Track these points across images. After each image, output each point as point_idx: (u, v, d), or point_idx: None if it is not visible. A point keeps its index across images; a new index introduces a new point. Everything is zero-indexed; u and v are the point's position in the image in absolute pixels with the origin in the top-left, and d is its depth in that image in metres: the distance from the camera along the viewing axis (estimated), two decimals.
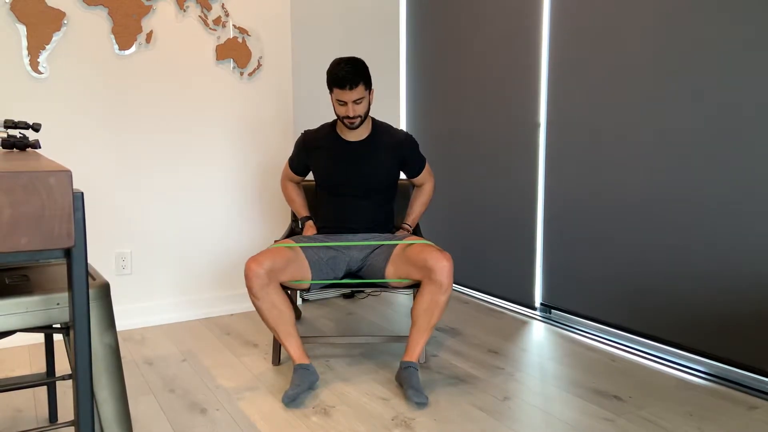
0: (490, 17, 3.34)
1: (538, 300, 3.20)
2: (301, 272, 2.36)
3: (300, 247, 2.41)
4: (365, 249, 2.51)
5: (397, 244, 2.43)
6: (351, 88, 2.34)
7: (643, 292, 2.66)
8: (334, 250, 2.49)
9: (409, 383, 2.19)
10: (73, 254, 0.96)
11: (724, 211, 2.35)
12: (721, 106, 2.34)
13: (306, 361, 2.30)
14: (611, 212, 2.77)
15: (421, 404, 2.15)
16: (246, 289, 3.35)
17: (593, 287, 2.88)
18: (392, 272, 2.39)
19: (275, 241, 2.50)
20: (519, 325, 3.06)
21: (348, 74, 2.32)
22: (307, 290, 2.43)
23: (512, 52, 3.22)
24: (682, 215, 2.49)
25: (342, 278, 2.52)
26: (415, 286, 2.41)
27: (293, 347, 2.31)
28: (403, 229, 2.68)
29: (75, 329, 1.01)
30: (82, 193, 0.93)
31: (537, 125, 3.11)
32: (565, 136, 2.96)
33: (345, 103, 2.38)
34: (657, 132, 2.56)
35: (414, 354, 2.28)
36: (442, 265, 2.19)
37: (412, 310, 2.30)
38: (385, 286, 2.46)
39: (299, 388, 2.18)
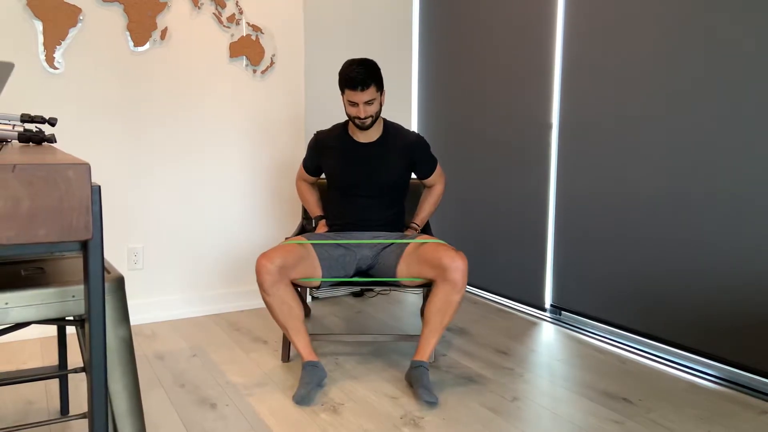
0: (504, 18, 3.34)
1: (548, 301, 3.19)
2: (312, 270, 2.37)
3: (311, 244, 2.42)
4: (376, 247, 2.52)
5: (408, 243, 2.43)
6: (362, 89, 2.34)
7: (653, 295, 2.65)
8: (345, 248, 2.49)
9: (419, 382, 2.19)
10: (90, 247, 0.97)
11: (737, 214, 2.34)
12: (733, 107, 2.32)
13: (314, 359, 2.31)
14: (622, 214, 2.75)
15: (432, 403, 2.15)
16: (256, 286, 3.36)
17: (603, 289, 2.87)
18: (404, 271, 2.38)
19: (286, 238, 2.51)
20: (528, 326, 3.05)
21: (359, 75, 2.32)
22: (318, 288, 2.43)
23: (525, 52, 3.21)
24: (693, 218, 2.48)
25: (352, 276, 2.52)
26: (426, 285, 2.41)
27: (302, 344, 2.32)
28: (411, 228, 2.68)
29: (90, 321, 1.02)
30: (100, 187, 0.94)
31: (549, 126, 3.10)
32: (577, 137, 2.95)
33: (356, 104, 2.38)
34: (669, 133, 2.55)
35: (425, 353, 2.28)
36: (456, 265, 2.19)
37: (425, 309, 2.29)
38: (396, 285, 2.46)
39: (309, 387, 2.18)
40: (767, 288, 2.26)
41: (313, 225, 2.70)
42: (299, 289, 2.45)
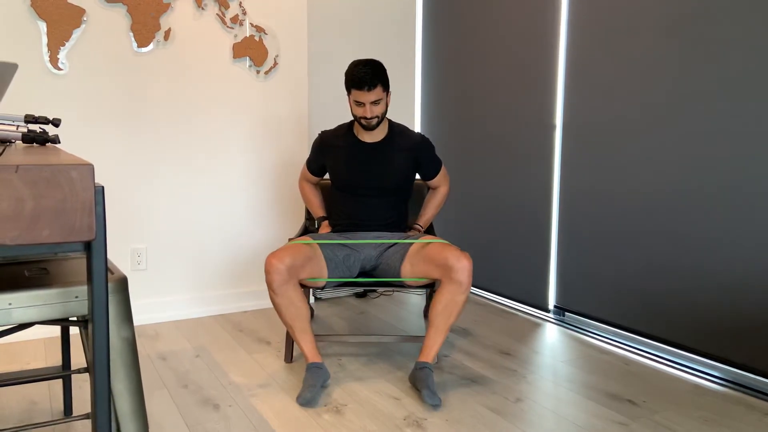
0: (507, 19, 3.33)
1: (551, 302, 3.18)
2: (319, 270, 2.38)
3: (317, 244, 2.42)
4: (379, 247, 2.51)
5: (412, 243, 2.43)
6: (369, 89, 2.35)
7: (658, 296, 2.64)
8: (349, 248, 2.49)
9: (424, 384, 2.18)
10: (93, 247, 0.97)
11: (741, 215, 2.33)
12: (735, 107, 2.31)
13: (319, 360, 2.31)
14: (626, 215, 2.75)
15: (435, 406, 2.15)
16: (259, 287, 3.36)
17: (607, 290, 2.86)
18: (408, 271, 2.39)
19: (289, 239, 2.50)
20: (532, 327, 3.05)
21: (366, 75, 2.33)
22: (322, 288, 2.43)
23: (529, 53, 3.21)
24: (698, 219, 2.47)
25: (356, 277, 2.52)
26: (430, 286, 2.41)
27: (307, 345, 2.32)
28: (415, 229, 2.68)
29: (93, 322, 1.02)
30: (103, 187, 0.94)
31: (553, 127, 3.09)
32: (580, 138, 2.94)
33: (363, 104, 2.39)
34: (673, 134, 2.54)
35: (430, 355, 2.28)
36: (462, 265, 2.20)
37: (429, 310, 2.29)
38: (400, 285, 2.46)
39: (314, 390, 2.18)
40: None
41: (316, 226, 2.70)
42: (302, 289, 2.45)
